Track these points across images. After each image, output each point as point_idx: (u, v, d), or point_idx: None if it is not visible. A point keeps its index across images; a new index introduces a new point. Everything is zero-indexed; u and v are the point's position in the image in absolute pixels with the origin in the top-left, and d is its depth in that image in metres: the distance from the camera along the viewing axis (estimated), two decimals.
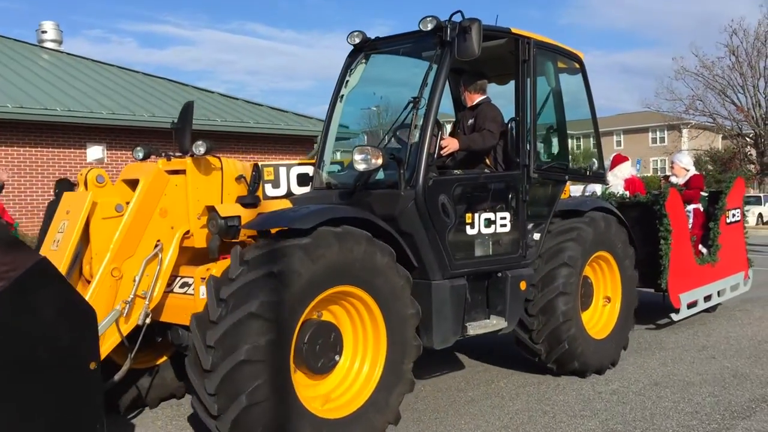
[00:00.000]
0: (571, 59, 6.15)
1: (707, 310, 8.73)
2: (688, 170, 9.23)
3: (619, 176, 9.42)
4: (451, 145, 5.43)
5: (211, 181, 4.84)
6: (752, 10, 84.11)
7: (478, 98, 5.86)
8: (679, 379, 5.96)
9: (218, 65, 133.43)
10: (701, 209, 8.91)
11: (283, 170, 5.34)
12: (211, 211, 4.58)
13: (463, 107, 6.14)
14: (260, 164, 5.18)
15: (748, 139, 38.92)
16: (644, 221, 7.76)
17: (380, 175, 5.02)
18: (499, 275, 5.44)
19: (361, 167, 4.65)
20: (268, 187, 5.23)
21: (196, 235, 4.74)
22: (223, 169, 4.91)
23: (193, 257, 4.91)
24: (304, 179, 5.47)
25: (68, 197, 4.48)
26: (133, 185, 4.62)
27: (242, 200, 4.76)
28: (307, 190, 5.45)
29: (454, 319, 5.03)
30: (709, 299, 8.51)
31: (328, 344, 4.29)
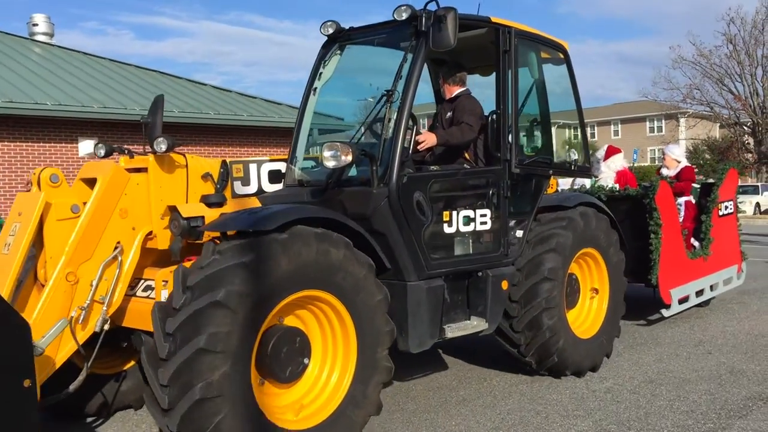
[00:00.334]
0: (555, 49, 5.92)
1: (700, 304, 8.56)
2: (679, 162, 9.03)
3: (612, 168, 9.22)
4: (428, 139, 5.21)
5: (175, 179, 4.62)
6: None
7: (457, 90, 5.65)
8: (674, 376, 5.86)
9: (216, 57, 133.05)
10: (693, 202, 8.72)
11: (253, 167, 5.13)
12: (172, 211, 4.37)
13: (443, 100, 5.93)
14: (229, 161, 4.97)
15: (745, 128, 38.71)
16: (634, 215, 7.60)
17: (353, 171, 4.81)
18: (479, 275, 5.24)
19: (330, 164, 4.44)
20: (237, 184, 5.02)
21: (159, 236, 4.53)
22: (188, 166, 4.69)
23: (158, 259, 4.71)
24: (276, 176, 5.27)
25: (21, 198, 4.26)
26: (91, 184, 4.40)
27: (206, 199, 4.55)
28: (279, 187, 5.24)
29: (430, 321, 4.83)
30: (701, 294, 8.34)
31: (294, 350, 4.09)
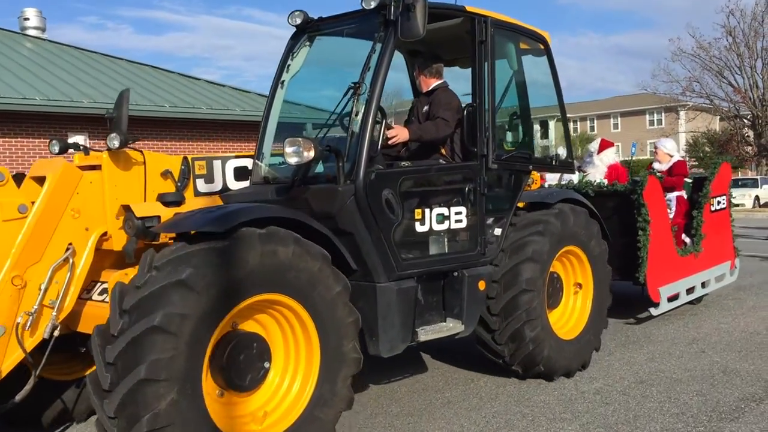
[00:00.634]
0: (534, 40, 5.70)
1: (692, 302, 8.35)
2: (672, 156, 8.81)
3: (604, 161, 9.00)
4: (399, 134, 5.00)
5: (131, 177, 4.42)
6: None
7: (433, 83, 5.43)
8: (666, 376, 5.71)
9: (215, 51, 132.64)
10: (685, 197, 8.49)
11: (217, 164, 4.92)
12: (126, 210, 4.16)
13: (420, 93, 5.71)
14: (190, 157, 4.76)
15: (745, 120, 38.48)
16: (622, 211, 7.39)
17: (320, 168, 4.60)
18: (455, 275, 5.03)
19: (292, 161, 4.22)
20: (200, 182, 4.81)
21: (114, 237, 4.32)
22: (146, 163, 4.49)
23: (118, 261, 4.50)
24: (242, 173, 5.05)
25: None
26: (41, 183, 4.19)
27: (163, 198, 4.34)
28: (246, 184, 5.03)
29: (402, 324, 4.62)
30: (692, 291, 8.13)
31: (252, 356, 3.89)
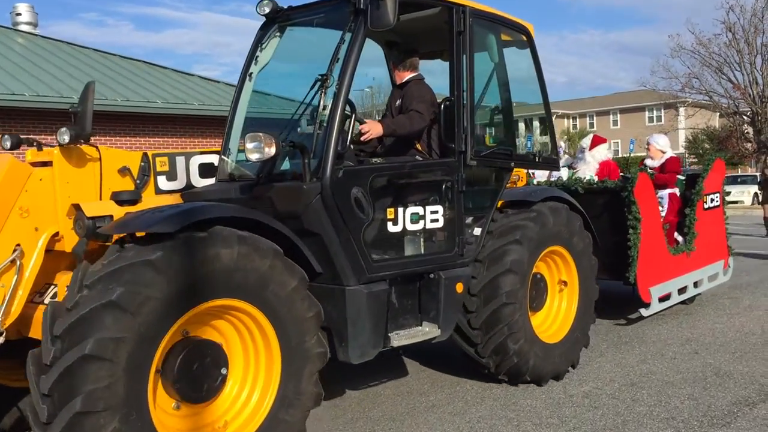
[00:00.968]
0: (517, 31, 5.46)
1: (684, 302, 8.14)
2: (664, 152, 8.56)
3: (596, 158, 8.77)
4: (372, 129, 4.76)
5: (85, 174, 4.20)
6: None
7: (407, 76, 5.20)
8: (657, 378, 5.56)
9: (215, 48, 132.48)
10: (677, 194, 8.26)
11: (180, 160, 4.69)
12: (76, 210, 3.93)
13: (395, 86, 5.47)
14: (151, 153, 4.53)
15: (745, 117, 38.16)
16: (612, 208, 7.18)
17: (286, 165, 4.39)
18: (431, 277, 4.81)
19: (253, 157, 3.99)
20: (161, 179, 4.58)
21: (67, 237, 4.10)
22: (101, 159, 4.26)
23: (74, 263, 4.26)
24: (208, 170, 4.83)
25: None
26: None
27: (117, 196, 4.11)
28: (212, 182, 4.81)
29: (373, 329, 4.40)
30: (684, 291, 7.92)
31: (207, 364, 3.66)
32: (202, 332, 3.74)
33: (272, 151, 3.94)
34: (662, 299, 7.50)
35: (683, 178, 8.60)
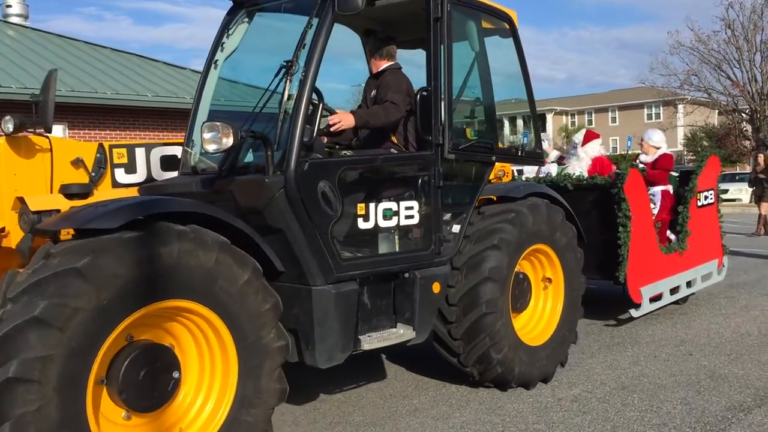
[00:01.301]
0: (499, 18, 5.20)
1: (677, 302, 7.90)
2: (658, 148, 8.32)
3: (589, 153, 8.55)
4: (344, 120, 4.52)
5: (33, 165, 3.96)
6: None
7: (383, 65, 4.96)
8: (649, 381, 5.37)
9: None
10: (670, 191, 8.03)
11: (140, 151, 4.45)
12: (21, 203, 3.69)
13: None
14: (107, 144, 4.29)
15: (743, 114, 38.02)
16: (602, 206, 6.94)
17: (250, 157, 4.14)
18: (406, 276, 4.57)
19: (210, 148, 3.75)
20: (119, 172, 4.34)
21: (13, 233, 3.86)
22: (53, 150, 4.02)
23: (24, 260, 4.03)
24: (171, 162, 4.58)
25: None
26: None
27: (66, 189, 3.87)
28: (174, 174, 4.56)
29: (342, 331, 4.16)
30: (676, 291, 7.68)
31: (156, 369, 3.42)
32: (149, 336, 3.48)
33: (230, 141, 3.69)
34: (653, 299, 7.27)
35: (677, 174, 8.36)
